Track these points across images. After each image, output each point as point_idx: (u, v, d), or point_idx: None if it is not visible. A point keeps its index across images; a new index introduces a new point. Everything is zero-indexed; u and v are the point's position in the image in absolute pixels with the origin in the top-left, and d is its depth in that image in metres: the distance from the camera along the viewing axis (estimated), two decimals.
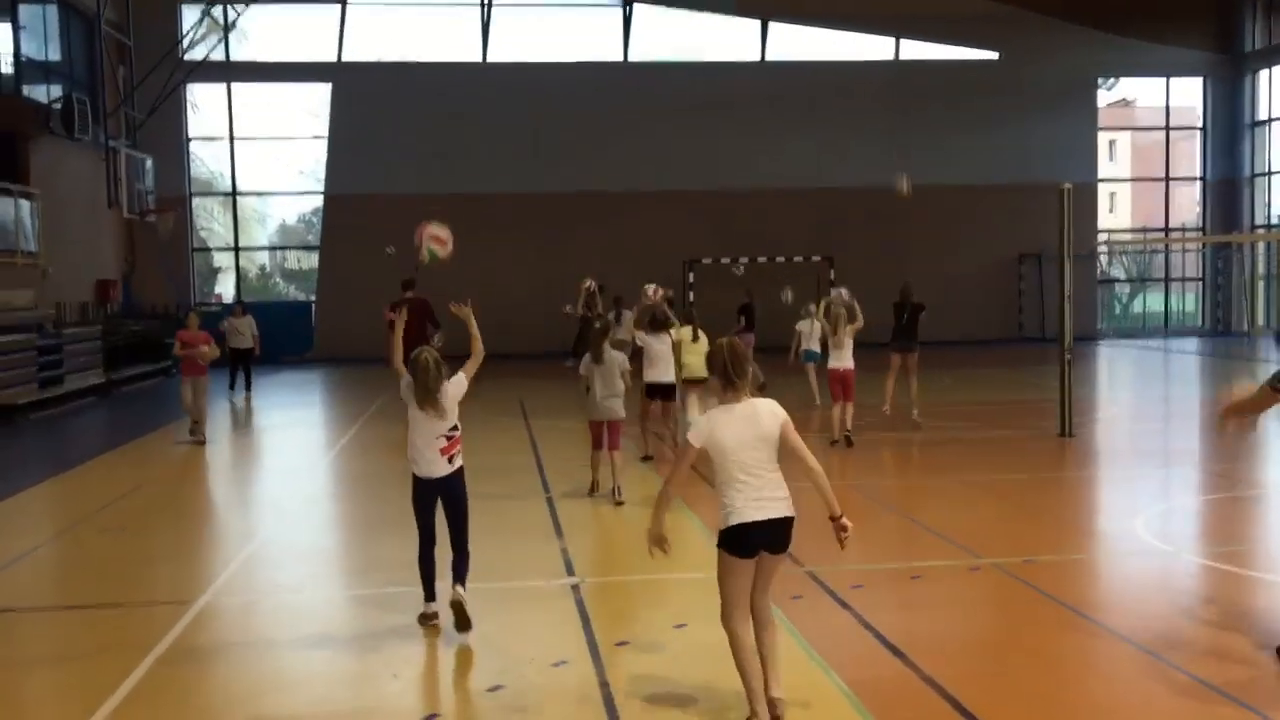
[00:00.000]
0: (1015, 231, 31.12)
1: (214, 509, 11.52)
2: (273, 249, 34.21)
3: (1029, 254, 31.22)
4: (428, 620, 6.75)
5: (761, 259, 27.73)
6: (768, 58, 30.91)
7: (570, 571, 8.03)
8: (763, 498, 5.05)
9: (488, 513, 8.26)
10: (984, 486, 10.99)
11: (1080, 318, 32.06)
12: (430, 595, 6.78)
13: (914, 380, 14.80)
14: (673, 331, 12.21)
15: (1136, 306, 37.06)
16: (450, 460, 6.61)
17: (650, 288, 12.94)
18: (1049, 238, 31.56)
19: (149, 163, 26.08)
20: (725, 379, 5.12)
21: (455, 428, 6.63)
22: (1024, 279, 31.49)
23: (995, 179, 30.96)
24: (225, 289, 32.55)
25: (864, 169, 30.47)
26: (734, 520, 5.03)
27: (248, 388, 20.44)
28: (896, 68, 31.25)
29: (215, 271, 32.62)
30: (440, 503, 6.72)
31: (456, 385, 6.64)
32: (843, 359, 13.36)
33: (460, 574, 6.66)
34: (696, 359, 11.75)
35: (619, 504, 10.17)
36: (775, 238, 28.57)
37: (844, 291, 15.48)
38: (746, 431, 5.06)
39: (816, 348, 16.76)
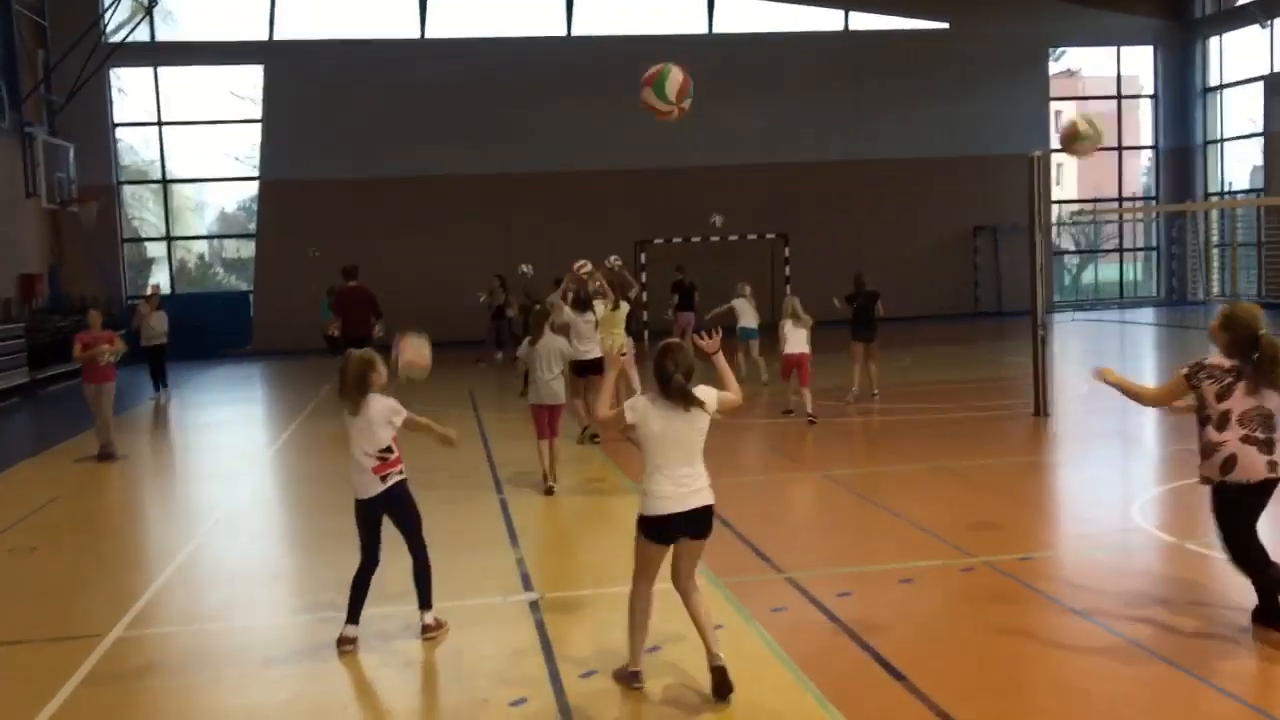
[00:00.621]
0: (969, 204, 30.70)
1: (135, 524, 10.61)
2: (209, 238, 32.94)
3: (983, 226, 30.80)
4: (344, 645, 6.20)
5: (714, 238, 27.08)
6: (715, 30, 30.15)
7: (528, 585, 7.30)
8: (684, 490, 5.23)
9: (437, 516, 7.48)
10: (964, 474, 10.38)
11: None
12: (353, 618, 6.27)
13: (874, 365, 15.05)
14: (600, 307, 12.64)
15: (1086, 277, 36.85)
16: (384, 479, 6.24)
17: (579, 265, 13.22)
18: (1004, 210, 31.83)
19: (70, 150, 24.80)
20: (661, 383, 5.25)
21: (389, 449, 6.23)
22: (979, 252, 31.07)
23: (948, 151, 30.48)
24: (164, 279, 31.36)
25: (816, 143, 29.92)
26: (651, 511, 5.27)
27: (164, 385, 18.88)
28: (847, 39, 30.61)
29: (149, 262, 31.40)
30: (387, 518, 6.35)
31: (385, 406, 6.22)
32: (795, 345, 13.26)
33: (424, 592, 6.38)
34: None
35: (549, 491, 9.98)
36: (728, 215, 27.87)
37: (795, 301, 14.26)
38: (680, 428, 5.24)
39: (753, 325, 16.75)
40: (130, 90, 28.82)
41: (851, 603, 6.59)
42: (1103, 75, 34.30)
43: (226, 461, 13.45)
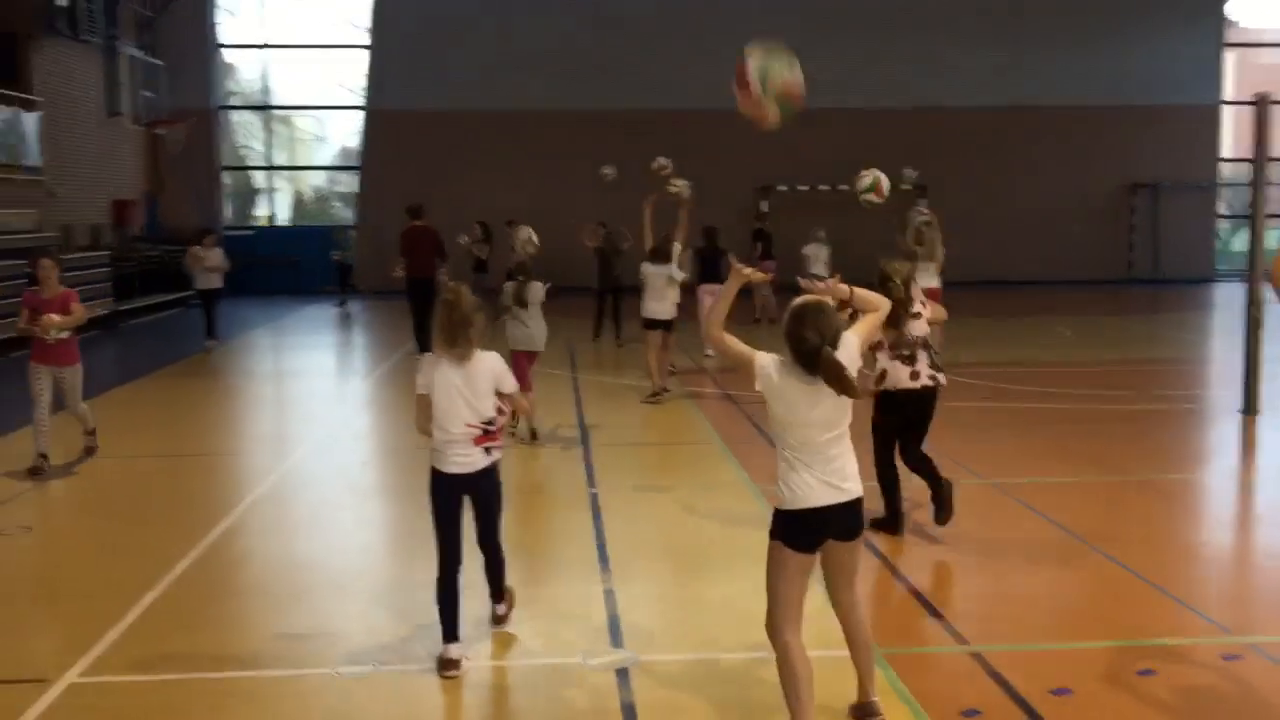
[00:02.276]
0: (1127, 159, 27.82)
1: (157, 503, 9.08)
2: (310, 169, 31.66)
3: (1142, 184, 27.93)
4: (447, 669, 5.05)
5: (843, 186, 24.78)
6: None
7: (617, 636, 5.50)
8: (835, 479, 4.24)
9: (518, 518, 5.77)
10: (1180, 495, 8.29)
11: (1195, 257, 29.14)
12: (452, 634, 5.15)
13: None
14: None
15: (1237, 244, 33.47)
16: (488, 451, 5.22)
17: (658, 164, 12.94)
18: (1166, 166, 28.87)
19: (161, 69, 23.48)
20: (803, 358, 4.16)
21: (493, 421, 5.20)
22: (1136, 212, 28.18)
23: (1106, 99, 27.53)
24: (279, 211, 30.36)
25: (964, 87, 27.28)
26: (796, 504, 4.21)
27: (211, 334, 16.40)
28: None
29: (255, 193, 30.35)
30: (469, 503, 5.29)
31: (497, 366, 5.26)
32: (929, 277, 12.17)
33: (497, 584, 5.51)
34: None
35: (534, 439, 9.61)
36: (858, 162, 25.53)
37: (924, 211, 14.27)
38: (828, 410, 4.19)
39: (824, 271, 16.05)
40: (241, 12, 27.54)
41: (1072, 708, 4.65)
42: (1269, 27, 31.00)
43: (206, 493, 11.23)
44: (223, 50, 27.81)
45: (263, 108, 27.84)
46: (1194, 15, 27.84)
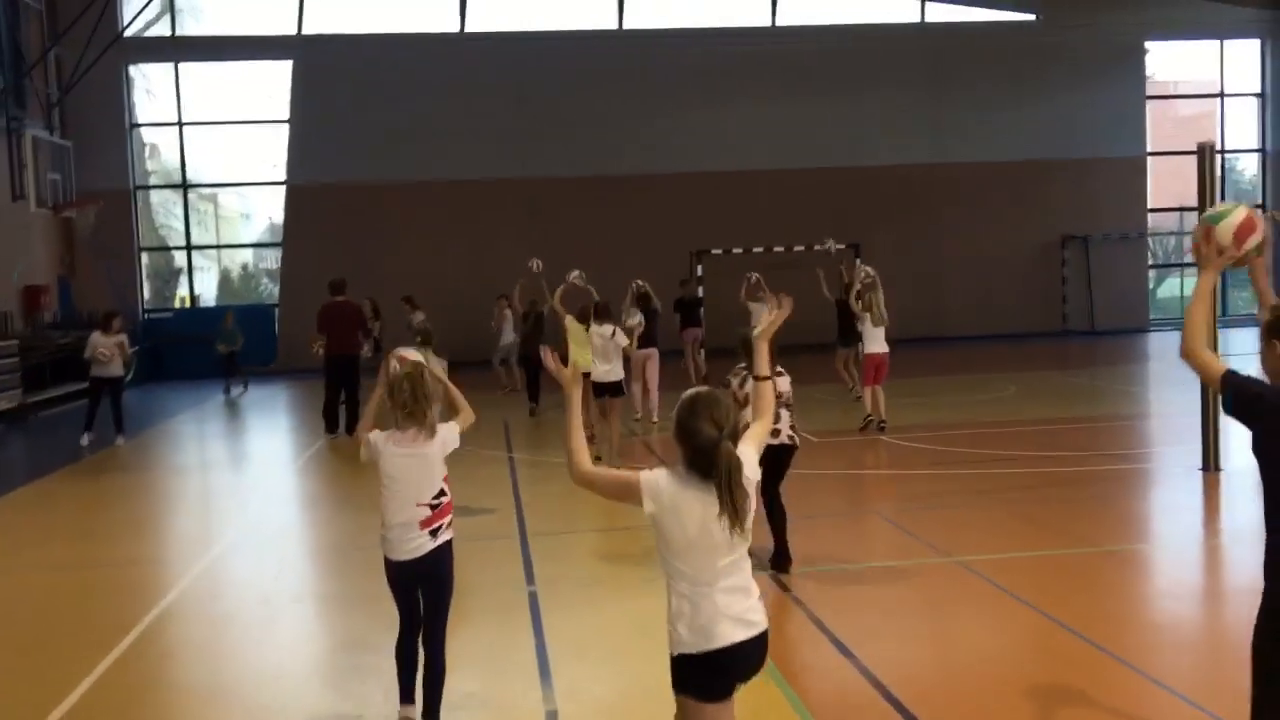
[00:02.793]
0: (1057, 212, 27.99)
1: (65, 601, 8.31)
2: (233, 247, 30.88)
3: (1073, 236, 28.08)
4: None
5: (779, 247, 24.64)
6: (779, 22, 27.68)
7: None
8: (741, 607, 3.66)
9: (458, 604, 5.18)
10: (1162, 565, 7.88)
11: (1129, 308, 29.24)
12: (408, 696, 5.17)
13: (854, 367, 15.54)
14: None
15: (1163, 292, 33.83)
16: (434, 534, 5.08)
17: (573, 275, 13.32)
18: (1096, 218, 29.05)
19: (70, 150, 22.69)
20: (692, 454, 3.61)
21: (443, 492, 5.11)
22: (1068, 264, 28.30)
23: (1034, 154, 27.77)
24: (205, 290, 29.48)
25: (890, 146, 27.34)
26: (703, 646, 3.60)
27: (118, 428, 14.98)
28: (924, 32, 28.02)
29: (176, 273, 29.47)
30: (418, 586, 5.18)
31: (449, 431, 5.16)
32: (879, 342, 13.21)
33: (433, 702, 5.11)
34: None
35: None
36: (793, 223, 25.42)
37: (869, 270, 14.15)
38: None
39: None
40: (158, 92, 26.86)
41: None
42: (1170, 79, 31.73)
43: (107, 609, 10.57)
44: (142, 130, 27.09)
45: (180, 186, 27.06)
46: (1116, 69, 28.21)
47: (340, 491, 11.83)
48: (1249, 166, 32.12)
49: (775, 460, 7.37)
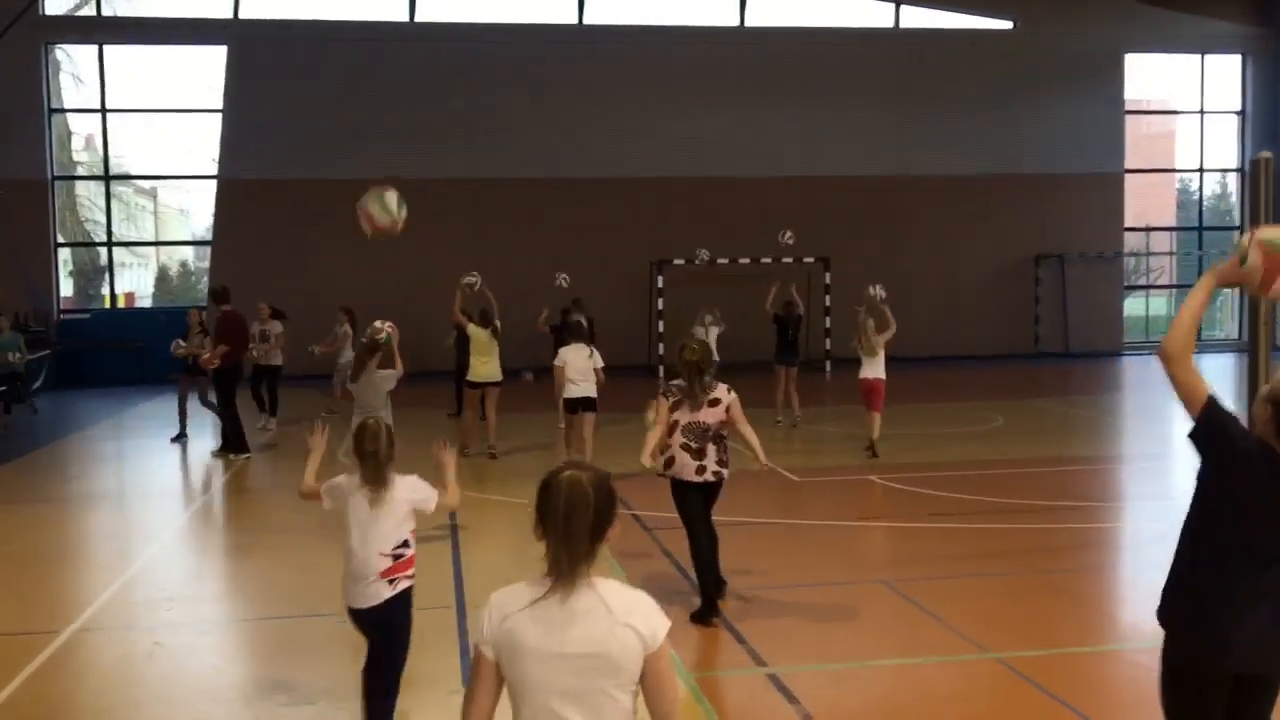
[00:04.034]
0: (1031, 229, 26.88)
1: None
2: (163, 244, 29.07)
3: (1047, 255, 26.96)
4: None
5: (744, 259, 23.21)
6: (747, 23, 26.31)
7: None
8: None
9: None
10: None
11: (1103, 330, 28.12)
12: None
13: (794, 390, 15.17)
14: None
15: (1129, 310, 32.95)
16: (393, 583, 5.00)
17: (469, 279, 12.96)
18: (1071, 236, 27.88)
19: None
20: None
21: (407, 543, 5.04)
22: (1041, 284, 27.17)
23: (1008, 168, 26.65)
24: (139, 288, 27.67)
25: (859, 155, 26.04)
26: None
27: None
28: (897, 37, 26.78)
29: (100, 271, 27.57)
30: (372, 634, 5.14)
31: (413, 489, 5.08)
32: (875, 368, 12.63)
33: None
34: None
35: None
36: (757, 235, 24.01)
37: (879, 289, 13.85)
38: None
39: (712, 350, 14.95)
40: (87, 75, 24.99)
41: None
42: (1151, 96, 31.02)
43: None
44: (70, 118, 25.22)
45: (103, 178, 25.18)
46: (1093, 84, 27.16)
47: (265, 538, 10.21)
48: (1211, 186, 31.34)
49: (699, 494, 6.91)
